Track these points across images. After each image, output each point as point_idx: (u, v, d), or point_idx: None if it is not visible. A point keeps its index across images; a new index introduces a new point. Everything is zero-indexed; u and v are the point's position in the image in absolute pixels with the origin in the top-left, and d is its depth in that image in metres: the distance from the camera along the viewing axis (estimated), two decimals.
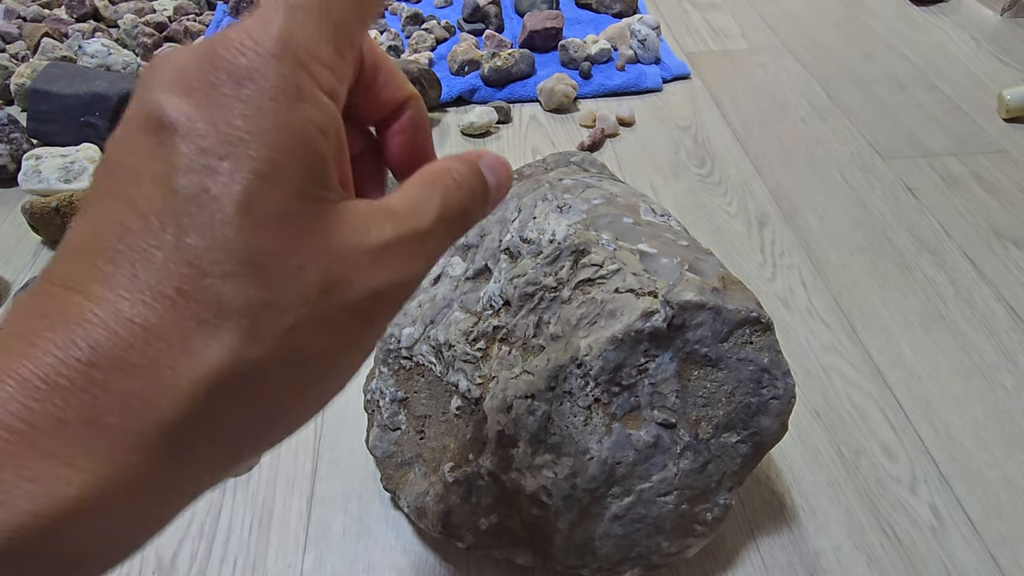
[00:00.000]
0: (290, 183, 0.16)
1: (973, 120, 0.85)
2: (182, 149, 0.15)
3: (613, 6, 1.10)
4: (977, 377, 0.54)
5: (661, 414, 0.35)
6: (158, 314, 0.14)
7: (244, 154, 0.15)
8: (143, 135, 0.16)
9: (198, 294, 0.15)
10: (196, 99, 0.15)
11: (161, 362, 0.14)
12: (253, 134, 0.15)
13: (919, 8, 1.13)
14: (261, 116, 0.15)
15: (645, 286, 0.35)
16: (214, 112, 0.15)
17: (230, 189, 0.15)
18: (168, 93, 0.16)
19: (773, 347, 0.36)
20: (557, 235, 0.38)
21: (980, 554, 0.43)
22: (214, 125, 0.15)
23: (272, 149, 0.16)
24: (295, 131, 0.16)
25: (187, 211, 0.15)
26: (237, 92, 0.15)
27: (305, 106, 0.16)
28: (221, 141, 0.15)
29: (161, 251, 0.15)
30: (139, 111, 0.16)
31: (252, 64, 0.16)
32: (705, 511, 0.37)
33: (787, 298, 0.61)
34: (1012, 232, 0.68)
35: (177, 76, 0.16)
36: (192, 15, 1.12)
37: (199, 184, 0.15)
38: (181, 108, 0.15)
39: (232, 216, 0.15)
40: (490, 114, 0.83)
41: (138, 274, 0.14)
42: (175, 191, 0.15)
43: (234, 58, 0.16)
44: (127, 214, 0.15)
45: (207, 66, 0.16)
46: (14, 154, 0.75)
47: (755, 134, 0.83)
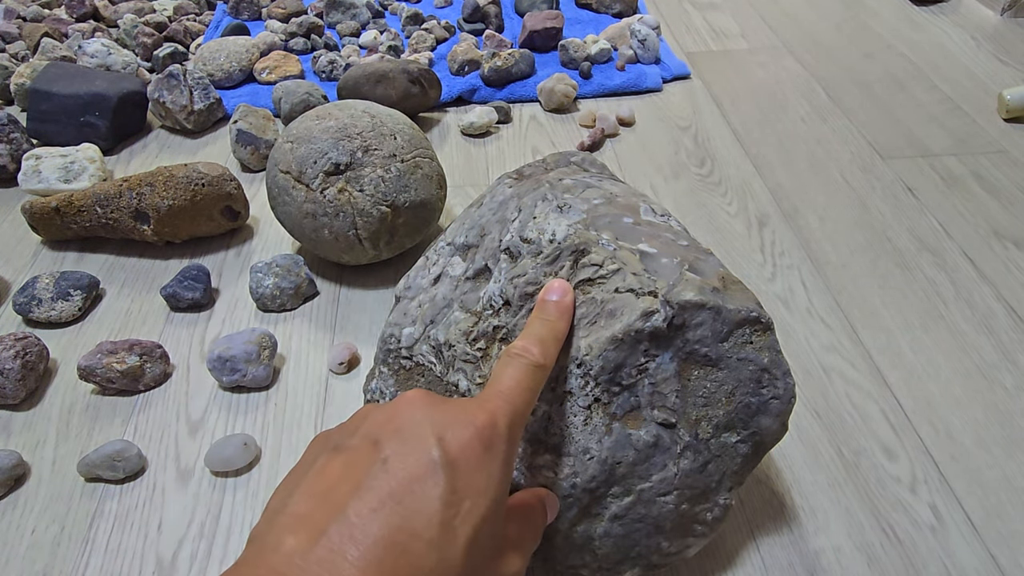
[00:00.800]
0: (494, 526, 0.25)
1: (973, 120, 0.85)
2: (445, 486, 0.23)
3: (613, 6, 1.10)
4: (977, 377, 0.54)
5: (661, 414, 0.35)
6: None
7: (481, 502, 0.24)
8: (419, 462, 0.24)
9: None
10: (463, 455, 0.24)
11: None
12: (488, 489, 0.24)
13: (919, 8, 1.13)
14: (492, 479, 0.25)
15: (645, 286, 0.35)
16: (469, 467, 0.24)
17: (466, 525, 0.23)
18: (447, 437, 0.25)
19: (773, 347, 0.36)
20: (557, 235, 0.38)
21: (980, 554, 0.43)
22: (467, 474, 0.24)
23: (495, 502, 0.25)
24: (505, 490, 0.26)
25: (438, 533, 0.22)
26: (485, 459, 0.25)
27: (511, 472, 0.26)
28: (469, 487, 0.24)
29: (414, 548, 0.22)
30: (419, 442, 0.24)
31: (496, 443, 0.26)
32: (705, 511, 0.37)
33: (787, 298, 0.61)
34: (1012, 232, 0.68)
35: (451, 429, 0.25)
36: (192, 15, 1.12)
37: (450, 515, 0.23)
38: (455, 457, 0.24)
39: (463, 544, 0.23)
40: (490, 114, 0.83)
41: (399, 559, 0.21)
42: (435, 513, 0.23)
43: (489, 435, 0.25)
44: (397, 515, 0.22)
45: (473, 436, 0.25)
46: (14, 154, 0.75)
47: (755, 134, 0.83)
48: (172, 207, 0.63)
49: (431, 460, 0.24)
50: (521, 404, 0.28)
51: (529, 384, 0.29)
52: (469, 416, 0.26)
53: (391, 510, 0.22)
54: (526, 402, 0.28)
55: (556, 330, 0.32)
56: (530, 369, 0.29)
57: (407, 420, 0.25)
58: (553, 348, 0.32)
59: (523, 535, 0.29)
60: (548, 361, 0.31)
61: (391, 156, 0.58)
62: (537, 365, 0.30)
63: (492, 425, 0.26)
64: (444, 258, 0.44)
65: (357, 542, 0.21)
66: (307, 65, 0.97)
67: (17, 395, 0.52)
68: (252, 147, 0.76)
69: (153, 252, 0.67)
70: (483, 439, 0.25)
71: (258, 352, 0.53)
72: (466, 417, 0.26)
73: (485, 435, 0.25)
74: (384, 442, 0.24)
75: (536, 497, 0.31)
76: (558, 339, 0.32)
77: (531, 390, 0.29)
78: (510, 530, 0.28)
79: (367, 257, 0.61)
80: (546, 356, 0.31)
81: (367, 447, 0.24)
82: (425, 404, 0.26)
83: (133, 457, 0.47)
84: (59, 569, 0.43)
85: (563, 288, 0.34)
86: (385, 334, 0.44)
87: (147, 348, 0.54)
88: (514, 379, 0.29)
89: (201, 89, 0.84)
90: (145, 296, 0.62)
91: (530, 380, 0.29)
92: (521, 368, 0.29)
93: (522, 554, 0.28)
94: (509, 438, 0.26)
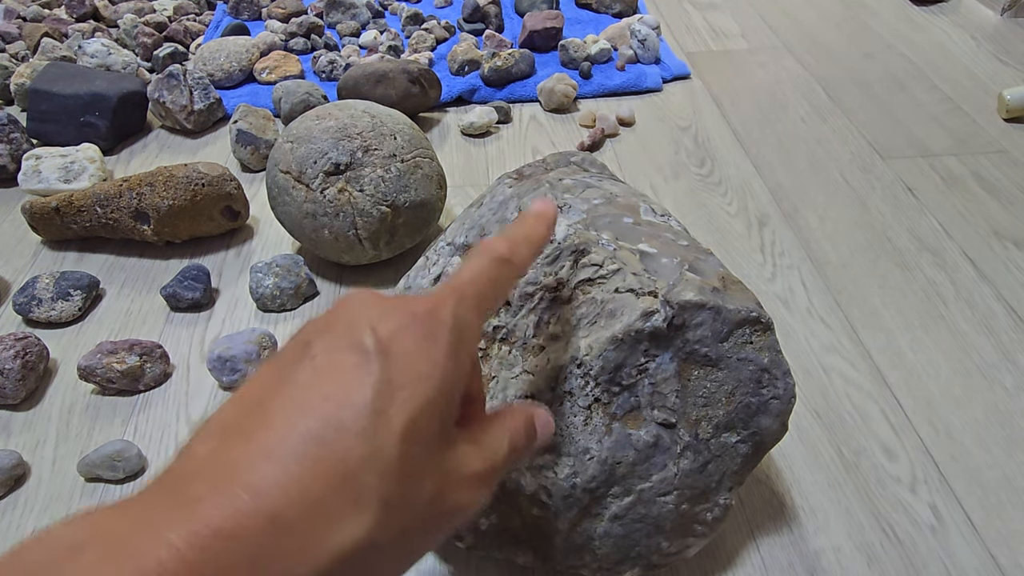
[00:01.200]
0: (437, 418, 0.22)
1: (973, 120, 0.85)
2: (377, 374, 0.21)
3: (613, 6, 1.10)
4: (977, 377, 0.54)
5: (661, 414, 0.35)
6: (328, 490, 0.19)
7: (419, 391, 0.22)
8: (349, 353, 0.22)
9: (357, 484, 0.20)
10: (394, 340, 0.22)
11: (319, 528, 0.19)
12: (427, 378, 0.22)
13: (919, 8, 1.13)
14: (434, 367, 0.22)
15: (645, 286, 0.35)
16: (404, 354, 0.22)
17: (401, 415, 0.21)
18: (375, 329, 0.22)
19: (773, 347, 0.36)
20: (557, 235, 0.38)
21: (980, 554, 0.43)
22: (402, 363, 0.22)
23: (436, 392, 0.22)
24: (452, 382, 0.23)
25: (369, 421, 0.20)
26: (422, 344, 0.23)
27: (460, 365, 0.24)
28: (405, 377, 0.22)
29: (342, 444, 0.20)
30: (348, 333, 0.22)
31: (438, 330, 0.23)
32: (705, 511, 0.37)
33: (787, 298, 0.61)
34: (1012, 232, 0.68)
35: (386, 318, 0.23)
36: (192, 15, 1.12)
37: (382, 405, 0.21)
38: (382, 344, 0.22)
39: (397, 435, 0.21)
40: (490, 114, 0.83)
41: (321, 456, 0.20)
42: (365, 404, 0.21)
43: (429, 322, 0.23)
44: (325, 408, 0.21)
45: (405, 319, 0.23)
46: (14, 154, 0.75)
47: (755, 134, 0.83)
48: (172, 207, 0.63)
49: (363, 350, 0.22)
50: (472, 293, 0.25)
51: (488, 276, 0.26)
52: (409, 306, 0.24)
53: (317, 404, 0.20)
54: (479, 293, 0.26)
55: (530, 233, 0.29)
56: (491, 261, 0.27)
57: (341, 316, 0.23)
58: (524, 248, 0.28)
59: (493, 438, 0.26)
60: (516, 258, 0.28)
61: (391, 156, 0.58)
62: (500, 258, 0.27)
63: (433, 312, 0.24)
64: (444, 258, 0.44)
65: (277, 438, 0.20)
66: (307, 65, 0.97)
67: (17, 395, 0.52)
68: (252, 147, 0.76)
69: (153, 252, 0.67)
70: (423, 326, 0.23)
71: (258, 352, 0.53)
72: (405, 307, 0.23)
73: (425, 322, 0.23)
74: (315, 341, 0.23)
75: (518, 409, 0.28)
76: (531, 241, 0.29)
77: (490, 282, 0.26)
78: (475, 431, 0.26)
79: (367, 257, 0.61)
80: (513, 252, 0.28)
81: (298, 349, 0.23)
82: (364, 300, 0.24)
83: (133, 457, 0.47)
84: None
85: (547, 202, 0.31)
86: None
87: (147, 348, 0.54)
88: (470, 271, 0.26)
89: (201, 89, 0.84)
90: (145, 296, 0.62)
91: (489, 272, 0.27)
92: (481, 260, 0.27)
93: (486, 456, 0.25)
94: (455, 327, 0.24)
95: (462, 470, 0.24)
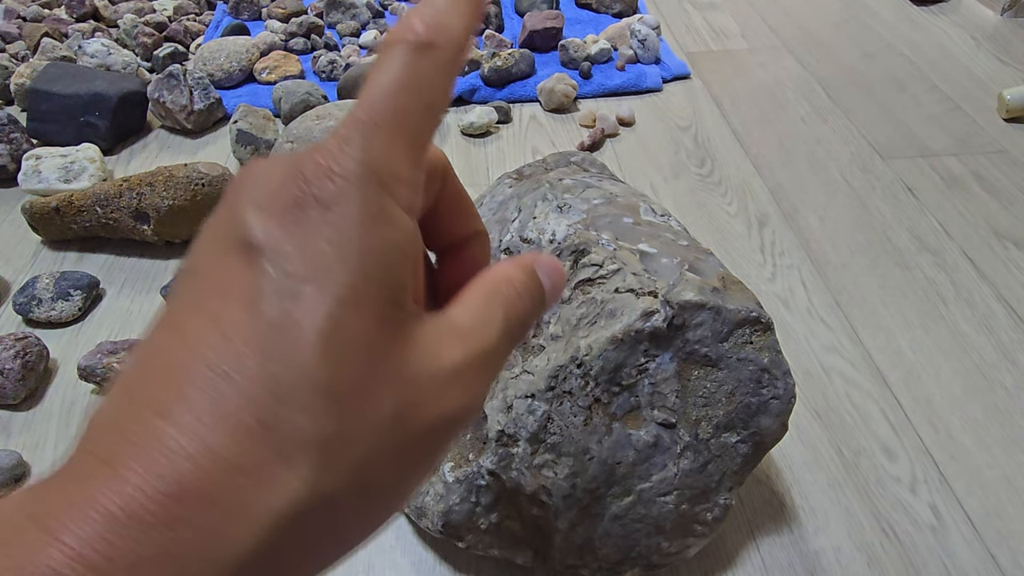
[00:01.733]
0: (372, 309, 0.16)
1: (973, 120, 0.85)
2: (269, 272, 0.16)
3: (613, 6, 1.10)
4: (977, 377, 0.54)
5: (661, 414, 0.35)
6: (240, 445, 0.14)
7: (329, 280, 0.16)
8: (230, 254, 0.16)
9: (277, 424, 0.15)
10: (284, 222, 0.16)
11: (240, 496, 0.14)
12: (339, 260, 0.16)
13: (919, 8, 1.13)
14: (346, 241, 0.16)
15: (645, 286, 0.35)
16: (301, 237, 0.16)
17: (313, 316, 0.15)
18: (257, 213, 0.16)
19: (773, 347, 0.36)
20: (557, 235, 0.38)
21: (980, 554, 0.43)
22: (300, 249, 0.16)
23: (356, 275, 0.16)
24: (379, 256, 0.16)
25: (270, 337, 0.15)
26: (324, 216, 0.16)
27: (389, 228, 0.16)
28: (307, 266, 0.16)
29: (243, 378, 0.15)
30: (227, 228, 0.16)
31: (338, 189, 0.16)
32: (705, 511, 0.37)
33: (787, 298, 0.61)
34: (1012, 232, 0.68)
35: (266, 196, 0.16)
36: (192, 15, 1.12)
37: (283, 309, 0.15)
38: (270, 231, 0.16)
39: (313, 344, 0.15)
40: (490, 114, 0.83)
41: (221, 401, 0.15)
42: (260, 315, 0.15)
43: (320, 182, 0.16)
44: (212, 336, 0.15)
45: (294, 189, 0.16)
46: (14, 154, 0.75)
47: (755, 134, 0.83)
48: (172, 207, 0.63)
49: (246, 244, 0.16)
50: (387, 119, 0.17)
51: (404, 79, 0.17)
52: (301, 166, 0.17)
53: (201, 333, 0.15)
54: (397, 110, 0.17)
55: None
56: (404, 55, 0.17)
57: (225, 201, 0.17)
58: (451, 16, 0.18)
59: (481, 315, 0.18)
60: (442, 37, 0.18)
61: None
62: (417, 45, 0.18)
63: (332, 168, 0.17)
64: None
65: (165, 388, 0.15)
66: (307, 65, 0.97)
67: (17, 395, 0.52)
68: (252, 147, 0.76)
69: (153, 252, 0.67)
70: (316, 192, 0.16)
71: None
72: (296, 168, 0.16)
73: (317, 186, 0.16)
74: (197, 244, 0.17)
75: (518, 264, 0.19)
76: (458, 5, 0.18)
77: (409, 88, 0.17)
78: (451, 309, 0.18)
79: None
80: (435, 28, 0.18)
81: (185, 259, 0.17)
82: (249, 173, 0.17)
83: None
84: None
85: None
86: None
87: None
88: (376, 83, 0.17)
89: (201, 89, 0.83)
90: (145, 296, 0.62)
91: (405, 73, 0.17)
92: (389, 58, 0.17)
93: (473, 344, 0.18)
94: (369, 175, 0.16)
95: (434, 366, 0.17)
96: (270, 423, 0.15)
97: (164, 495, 0.14)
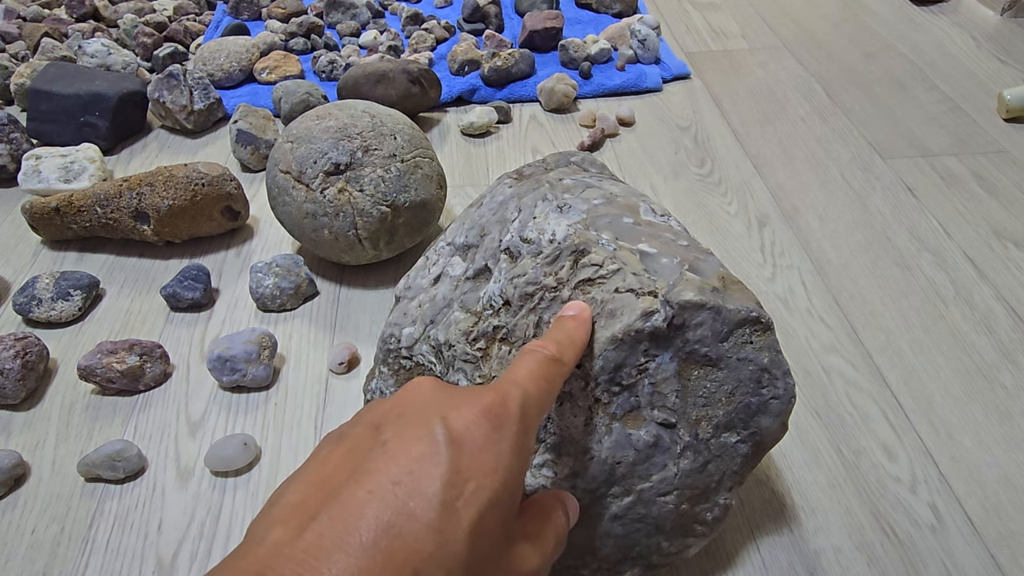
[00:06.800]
0: (502, 512, 0.22)
1: (973, 120, 0.85)
2: (448, 466, 0.21)
3: (613, 6, 1.10)
4: (977, 377, 0.54)
5: (661, 414, 0.35)
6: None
7: (488, 485, 0.22)
8: (420, 440, 0.22)
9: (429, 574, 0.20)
10: (468, 434, 0.23)
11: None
12: (495, 472, 0.22)
13: (919, 8, 1.13)
14: (500, 460, 0.23)
15: (645, 286, 0.35)
16: (475, 445, 0.22)
17: (471, 509, 0.21)
18: (451, 417, 0.23)
19: (773, 347, 0.36)
20: (557, 235, 0.38)
21: (980, 554, 0.43)
22: (472, 455, 0.22)
23: (503, 487, 0.22)
24: (517, 475, 0.23)
25: (438, 516, 0.21)
26: (494, 438, 0.23)
27: (524, 460, 0.24)
28: (475, 470, 0.22)
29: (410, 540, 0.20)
30: (420, 421, 0.23)
31: (506, 423, 0.24)
32: (705, 511, 0.37)
33: (787, 298, 0.61)
34: (1012, 232, 0.68)
35: (457, 408, 0.23)
36: (192, 15, 1.12)
37: (452, 497, 0.21)
38: (459, 435, 0.22)
39: (466, 529, 0.21)
40: (490, 114, 0.83)
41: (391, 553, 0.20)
42: (434, 497, 0.21)
43: (498, 415, 0.24)
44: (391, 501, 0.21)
45: (480, 414, 0.23)
46: (14, 154, 0.75)
47: (755, 134, 0.83)
48: (172, 207, 0.63)
49: (433, 439, 0.22)
50: (534, 390, 0.26)
51: (543, 374, 0.28)
52: (477, 396, 0.24)
53: (388, 491, 0.21)
54: (541, 390, 0.27)
55: (573, 335, 0.31)
56: (544, 361, 0.28)
57: (411, 403, 0.24)
58: (570, 349, 0.30)
59: (543, 532, 0.27)
60: (565, 358, 0.29)
61: (391, 156, 0.58)
62: (552, 358, 0.29)
63: (502, 404, 0.24)
64: (444, 258, 0.44)
65: (349, 527, 0.20)
66: (307, 65, 0.97)
67: (17, 395, 0.52)
68: (252, 147, 0.76)
69: (153, 252, 0.67)
70: (491, 417, 0.23)
71: (258, 352, 0.53)
72: (474, 397, 0.24)
73: (493, 413, 0.24)
74: (386, 426, 0.23)
75: (555, 498, 0.29)
76: (575, 343, 0.31)
77: (546, 380, 0.28)
78: (526, 525, 0.26)
79: (367, 257, 0.61)
80: (562, 353, 0.29)
81: (368, 432, 0.23)
82: (432, 388, 0.25)
83: (133, 457, 0.47)
84: (59, 569, 0.43)
85: (580, 305, 0.34)
86: (385, 334, 0.44)
87: (147, 348, 0.54)
88: (526, 368, 0.27)
89: (201, 89, 0.84)
90: (145, 296, 0.62)
91: (544, 371, 0.28)
92: (535, 359, 0.28)
93: (540, 551, 0.26)
94: (521, 419, 0.24)
95: (521, 567, 0.24)
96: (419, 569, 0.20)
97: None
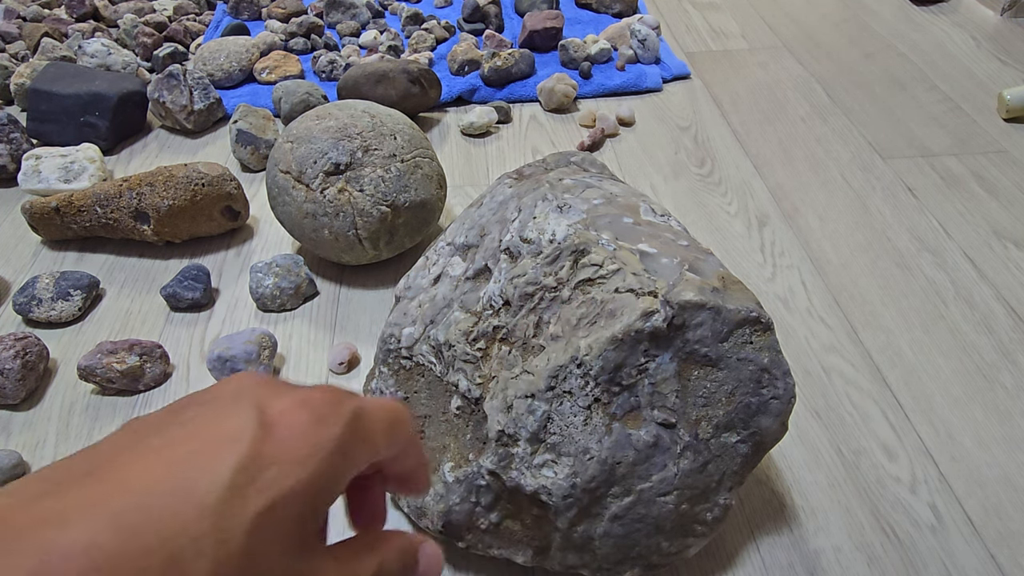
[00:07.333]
0: (302, 512, 0.19)
1: (973, 120, 0.85)
2: (248, 445, 0.19)
3: (613, 6, 1.10)
4: (977, 377, 0.54)
5: (661, 414, 0.35)
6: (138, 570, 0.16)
7: (291, 473, 0.19)
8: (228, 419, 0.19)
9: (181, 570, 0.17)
10: (285, 420, 0.20)
11: None
12: (303, 463, 0.19)
13: (919, 8, 1.13)
14: (316, 453, 0.20)
15: (645, 286, 0.35)
16: (289, 433, 0.20)
17: (261, 497, 0.18)
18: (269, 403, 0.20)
19: (773, 347, 0.36)
20: (557, 235, 0.38)
21: (980, 554, 0.43)
22: (282, 441, 0.19)
23: (308, 482, 0.19)
24: (332, 478, 0.20)
25: (219, 498, 0.18)
26: (312, 430, 0.20)
27: (348, 466, 0.21)
28: (280, 456, 0.19)
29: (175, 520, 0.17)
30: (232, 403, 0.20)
31: (332, 419, 0.20)
32: (705, 511, 0.37)
33: (787, 298, 0.61)
34: (1012, 232, 0.68)
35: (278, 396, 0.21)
36: (192, 15, 1.12)
37: (243, 481, 0.18)
38: (273, 420, 0.20)
39: (249, 519, 0.18)
40: (490, 114, 0.83)
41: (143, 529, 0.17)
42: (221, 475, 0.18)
43: (326, 409, 0.20)
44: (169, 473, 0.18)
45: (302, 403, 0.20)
46: (14, 154, 0.75)
47: (755, 134, 0.83)
48: (172, 207, 0.63)
49: (240, 421, 0.19)
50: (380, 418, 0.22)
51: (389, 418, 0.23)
52: (307, 390, 0.21)
53: (171, 466, 0.18)
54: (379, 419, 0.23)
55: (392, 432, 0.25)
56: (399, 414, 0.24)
57: (226, 390, 0.21)
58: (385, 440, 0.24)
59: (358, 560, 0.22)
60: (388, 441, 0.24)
61: (391, 156, 0.58)
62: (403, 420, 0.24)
63: (333, 403, 0.21)
64: (444, 258, 0.44)
65: (105, 493, 0.17)
66: (307, 65, 0.97)
67: (17, 395, 0.52)
68: (252, 147, 0.76)
69: (153, 252, 0.67)
70: (313, 410, 0.20)
71: (258, 352, 0.53)
72: (303, 391, 0.21)
73: (319, 407, 0.20)
74: (191, 407, 0.20)
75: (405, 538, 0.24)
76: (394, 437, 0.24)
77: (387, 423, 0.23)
78: (343, 547, 0.22)
79: (367, 257, 0.61)
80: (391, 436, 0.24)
81: (165, 414, 0.20)
82: (257, 379, 0.22)
83: None
84: None
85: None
86: (385, 334, 0.44)
87: (147, 348, 0.54)
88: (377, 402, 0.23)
89: (201, 89, 0.83)
90: (145, 296, 0.62)
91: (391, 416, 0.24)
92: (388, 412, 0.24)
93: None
94: (353, 424, 0.21)
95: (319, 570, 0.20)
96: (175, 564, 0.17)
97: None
